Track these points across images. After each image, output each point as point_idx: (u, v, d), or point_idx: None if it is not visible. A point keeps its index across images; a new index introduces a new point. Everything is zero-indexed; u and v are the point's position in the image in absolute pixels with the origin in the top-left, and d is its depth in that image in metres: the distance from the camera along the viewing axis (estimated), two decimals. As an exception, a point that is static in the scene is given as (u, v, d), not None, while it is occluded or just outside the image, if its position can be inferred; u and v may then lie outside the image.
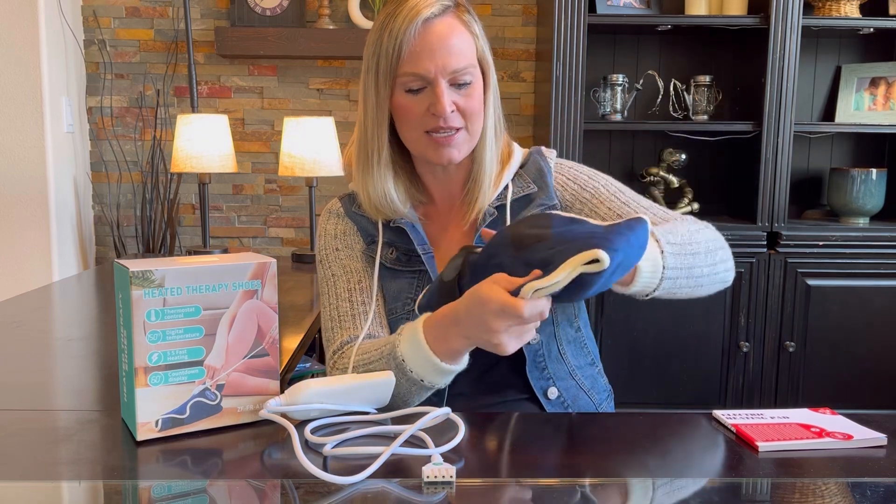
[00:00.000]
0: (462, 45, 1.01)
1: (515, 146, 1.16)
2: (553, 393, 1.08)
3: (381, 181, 1.07)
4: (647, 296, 0.94)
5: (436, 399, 1.03)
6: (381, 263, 1.09)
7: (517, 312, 0.79)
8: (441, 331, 0.89)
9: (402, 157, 1.11)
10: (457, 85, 1.02)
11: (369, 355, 0.97)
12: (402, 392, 0.93)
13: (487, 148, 1.08)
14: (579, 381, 1.11)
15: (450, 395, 1.06)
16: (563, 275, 0.76)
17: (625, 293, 0.93)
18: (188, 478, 0.73)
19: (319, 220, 1.18)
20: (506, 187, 1.11)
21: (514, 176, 1.13)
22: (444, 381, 0.92)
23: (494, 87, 1.08)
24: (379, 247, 1.09)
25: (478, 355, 0.95)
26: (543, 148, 1.18)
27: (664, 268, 0.91)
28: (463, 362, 0.92)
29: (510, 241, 0.85)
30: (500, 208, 1.09)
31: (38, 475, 0.73)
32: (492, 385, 1.09)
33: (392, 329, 1.07)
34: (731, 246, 1.06)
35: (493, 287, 0.82)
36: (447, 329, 0.88)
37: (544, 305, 0.81)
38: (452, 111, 1.01)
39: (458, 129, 1.03)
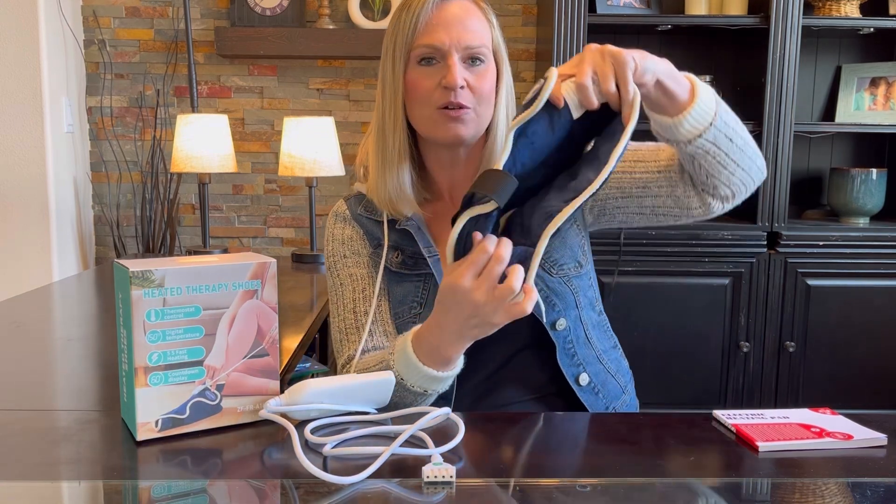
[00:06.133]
0: (478, 26, 1.03)
1: None
2: (584, 379, 1.07)
3: (397, 167, 1.06)
4: (689, 140, 0.92)
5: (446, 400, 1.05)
6: (386, 268, 1.09)
7: (478, 252, 0.82)
8: (429, 344, 0.91)
9: (413, 150, 1.10)
10: (470, 61, 1.02)
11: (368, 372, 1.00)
12: (409, 402, 0.94)
13: (499, 142, 1.07)
14: (606, 365, 1.11)
15: (475, 392, 1.07)
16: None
17: (670, 126, 0.91)
18: (188, 478, 0.73)
19: (326, 224, 1.17)
20: None
21: None
22: (446, 385, 0.94)
23: (508, 84, 1.08)
24: (384, 251, 1.09)
25: (504, 346, 1.01)
26: None
27: (716, 114, 0.91)
28: (460, 364, 0.93)
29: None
30: None
31: (38, 475, 0.73)
32: (520, 379, 1.09)
33: (399, 333, 1.08)
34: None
35: (451, 272, 0.84)
36: (434, 340, 0.90)
37: (504, 248, 0.82)
38: (463, 87, 1.01)
39: (467, 108, 1.02)
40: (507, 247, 0.82)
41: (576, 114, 0.83)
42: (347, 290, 1.10)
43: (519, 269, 0.82)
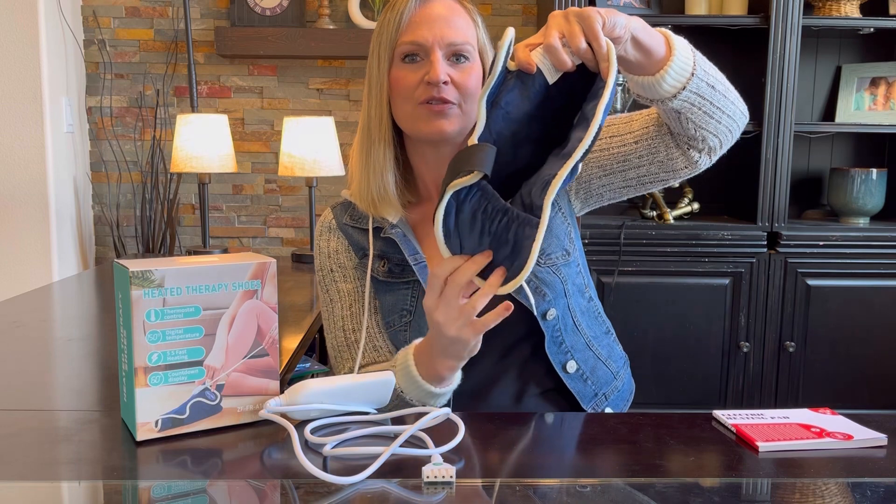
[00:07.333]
0: (462, 24, 1.03)
1: None
2: (572, 367, 1.08)
3: (381, 166, 1.06)
4: (674, 95, 0.90)
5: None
6: (373, 277, 1.08)
7: (431, 276, 0.84)
8: (426, 360, 0.92)
9: (399, 151, 1.10)
10: (454, 58, 1.02)
11: None
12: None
13: None
14: (596, 351, 1.12)
15: (475, 389, 1.07)
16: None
17: (652, 84, 0.90)
18: (188, 478, 0.73)
19: (315, 233, 1.17)
20: None
21: None
22: (443, 400, 0.96)
23: None
24: (370, 260, 1.08)
25: (500, 341, 1.03)
26: None
27: (695, 63, 0.90)
28: (455, 381, 0.95)
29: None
30: None
31: (38, 475, 0.73)
32: (514, 367, 1.09)
33: (392, 342, 1.08)
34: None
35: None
36: (428, 357, 0.92)
37: (448, 264, 0.83)
38: (446, 82, 1.01)
39: (451, 104, 1.02)
40: (464, 272, 0.82)
41: (551, 78, 0.81)
42: (336, 308, 1.11)
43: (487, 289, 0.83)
